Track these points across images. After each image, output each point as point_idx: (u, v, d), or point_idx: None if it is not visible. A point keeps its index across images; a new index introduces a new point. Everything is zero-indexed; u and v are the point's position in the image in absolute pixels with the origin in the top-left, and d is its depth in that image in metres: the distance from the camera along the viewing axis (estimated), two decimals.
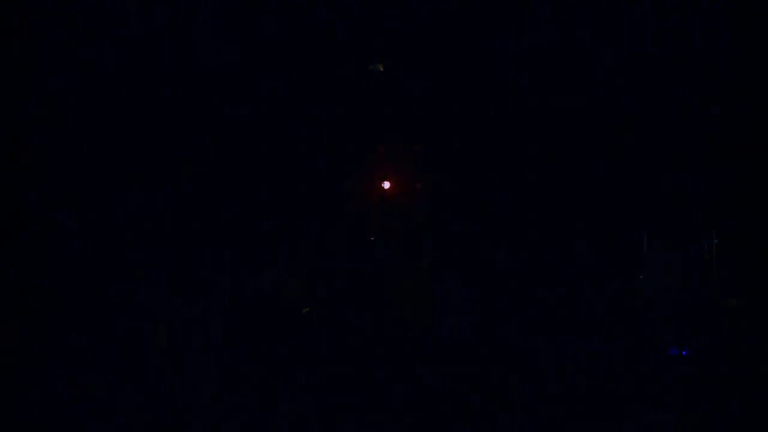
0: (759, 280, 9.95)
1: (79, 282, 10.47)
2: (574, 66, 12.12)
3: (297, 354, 8.98)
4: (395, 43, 11.62)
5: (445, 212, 12.17)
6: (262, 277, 10.68)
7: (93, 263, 10.84)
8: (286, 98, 12.16)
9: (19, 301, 9.66)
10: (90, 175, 11.42)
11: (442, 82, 12.09)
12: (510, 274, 11.88)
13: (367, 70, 10.99)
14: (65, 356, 8.19)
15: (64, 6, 10.72)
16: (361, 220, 10.59)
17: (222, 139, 12.24)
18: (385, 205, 9.94)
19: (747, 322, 9.16)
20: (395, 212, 10.40)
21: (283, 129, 12.27)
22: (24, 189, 10.91)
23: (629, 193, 11.65)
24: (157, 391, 7.00)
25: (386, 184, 9.51)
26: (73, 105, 11.29)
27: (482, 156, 12.33)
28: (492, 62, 11.83)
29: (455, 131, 12.34)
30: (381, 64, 10.52)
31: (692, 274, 10.46)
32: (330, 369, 8.16)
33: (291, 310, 10.04)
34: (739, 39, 10.91)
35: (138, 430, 6.46)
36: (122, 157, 11.63)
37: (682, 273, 10.49)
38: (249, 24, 11.49)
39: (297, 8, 11.49)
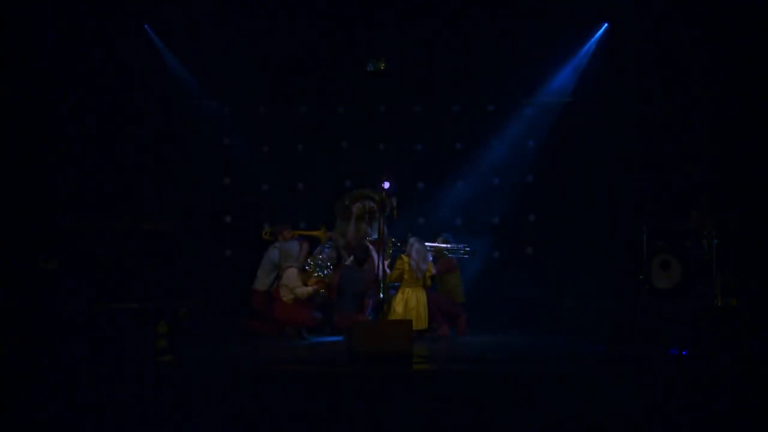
0: (759, 280, 9.96)
1: (79, 282, 10.48)
2: (574, 64, 12.16)
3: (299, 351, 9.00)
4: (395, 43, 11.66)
5: (445, 211, 12.21)
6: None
7: (93, 263, 10.86)
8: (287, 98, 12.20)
9: (17, 301, 9.68)
10: (90, 174, 11.45)
11: (441, 82, 12.13)
12: (509, 273, 11.91)
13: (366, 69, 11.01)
14: (64, 356, 8.19)
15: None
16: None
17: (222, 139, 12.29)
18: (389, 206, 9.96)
19: (747, 322, 9.16)
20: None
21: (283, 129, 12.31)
22: (24, 189, 10.93)
23: (629, 194, 11.67)
24: (158, 392, 7.00)
25: (386, 185, 9.51)
26: (74, 106, 11.33)
27: (481, 156, 12.36)
28: (491, 61, 11.86)
29: (456, 130, 12.38)
30: (382, 63, 10.54)
31: (692, 274, 10.46)
32: (331, 369, 8.15)
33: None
34: (739, 40, 10.93)
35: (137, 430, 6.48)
36: (123, 156, 11.68)
37: (681, 273, 10.49)
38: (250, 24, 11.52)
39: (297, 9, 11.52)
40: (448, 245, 10.72)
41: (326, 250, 10.62)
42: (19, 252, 10.43)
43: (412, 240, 10.18)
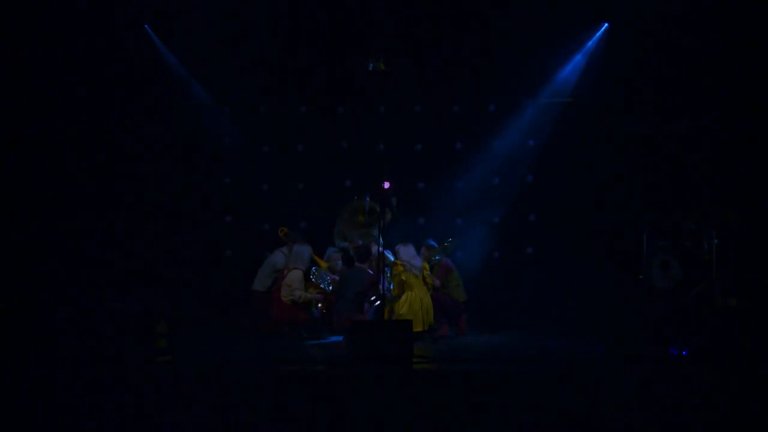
0: (759, 280, 9.96)
1: (79, 282, 10.49)
2: (574, 64, 12.16)
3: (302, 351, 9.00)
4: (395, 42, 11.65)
5: (444, 209, 12.20)
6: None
7: (93, 262, 10.87)
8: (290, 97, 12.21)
9: (18, 301, 9.68)
10: (90, 174, 11.45)
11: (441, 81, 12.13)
12: (509, 273, 11.90)
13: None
14: (64, 356, 8.20)
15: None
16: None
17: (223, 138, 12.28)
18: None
19: (747, 322, 9.17)
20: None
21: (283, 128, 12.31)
22: (25, 190, 10.94)
23: (629, 193, 11.67)
24: (157, 393, 7.00)
25: (386, 184, 9.51)
26: (73, 105, 11.33)
27: (481, 156, 12.36)
28: (491, 61, 11.86)
29: (456, 130, 12.37)
30: (382, 63, 10.53)
31: (692, 274, 10.47)
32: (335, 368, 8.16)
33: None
34: (740, 39, 10.93)
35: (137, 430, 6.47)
36: (123, 156, 11.67)
37: (682, 273, 10.49)
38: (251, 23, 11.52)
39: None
40: (435, 248, 10.72)
41: (336, 256, 10.67)
42: (19, 252, 10.44)
43: (397, 246, 10.26)
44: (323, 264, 10.66)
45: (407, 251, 10.17)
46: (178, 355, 8.30)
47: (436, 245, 10.72)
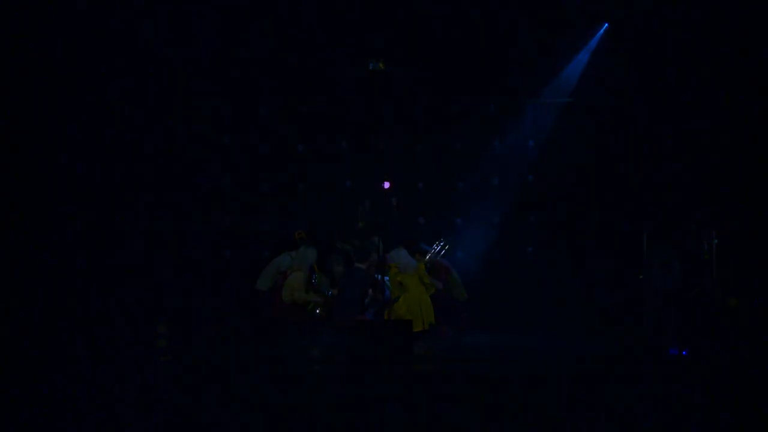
0: (759, 280, 9.97)
1: (80, 282, 10.50)
2: (574, 64, 12.16)
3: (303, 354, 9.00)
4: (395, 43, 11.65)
5: (444, 209, 12.21)
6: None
7: (93, 262, 10.87)
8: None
9: (19, 301, 9.69)
10: (91, 174, 11.45)
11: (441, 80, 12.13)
12: (509, 273, 11.90)
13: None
14: (65, 356, 8.20)
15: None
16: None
17: (224, 138, 12.28)
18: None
19: (747, 322, 9.17)
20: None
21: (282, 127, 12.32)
22: (25, 188, 10.93)
23: (629, 193, 11.67)
24: (158, 392, 7.01)
25: (386, 184, 9.52)
26: (75, 104, 11.33)
27: (482, 156, 12.36)
28: (492, 61, 11.86)
29: (456, 130, 12.38)
30: (382, 63, 10.52)
31: (692, 274, 10.47)
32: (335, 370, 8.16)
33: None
34: (739, 40, 10.93)
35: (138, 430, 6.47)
36: (124, 156, 11.67)
37: (682, 273, 10.50)
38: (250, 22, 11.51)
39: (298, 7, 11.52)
40: (428, 252, 10.73)
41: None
42: (19, 252, 10.44)
43: (390, 253, 10.32)
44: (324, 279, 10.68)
45: (398, 254, 10.22)
46: (178, 355, 8.30)
47: (429, 248, 10.74)
